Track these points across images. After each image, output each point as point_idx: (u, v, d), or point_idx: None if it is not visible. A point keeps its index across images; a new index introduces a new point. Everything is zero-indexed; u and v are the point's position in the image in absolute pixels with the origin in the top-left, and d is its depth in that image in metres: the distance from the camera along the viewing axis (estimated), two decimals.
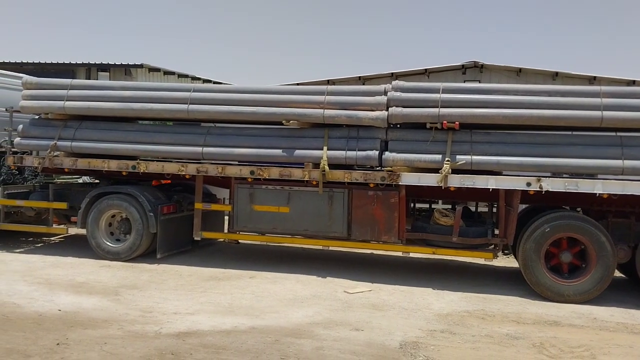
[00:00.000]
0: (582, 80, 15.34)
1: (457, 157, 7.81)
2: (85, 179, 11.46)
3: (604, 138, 7.79)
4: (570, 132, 8.09)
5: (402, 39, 73.90)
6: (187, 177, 9.15)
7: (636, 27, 63.20)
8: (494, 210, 9.05)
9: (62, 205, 9.68)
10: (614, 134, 7.84)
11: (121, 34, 68.61)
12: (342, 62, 69.64)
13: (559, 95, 7.78)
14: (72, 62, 18.87)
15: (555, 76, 15.70)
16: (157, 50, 68.24)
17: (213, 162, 8.95)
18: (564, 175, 8.08)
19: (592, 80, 15.22)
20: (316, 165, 8.26)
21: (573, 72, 15.60)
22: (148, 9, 73.23)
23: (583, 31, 66.29)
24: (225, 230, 9.75)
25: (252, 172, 8.56)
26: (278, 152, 8.46)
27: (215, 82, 21.47)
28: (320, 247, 9.01)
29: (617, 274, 8.45)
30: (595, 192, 7.52)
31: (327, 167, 8.13)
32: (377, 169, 8.41)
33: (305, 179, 8.35)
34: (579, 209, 8.51)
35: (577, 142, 7.75)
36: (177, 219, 9.54)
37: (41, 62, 18.81)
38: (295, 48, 77.05)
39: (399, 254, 8.95)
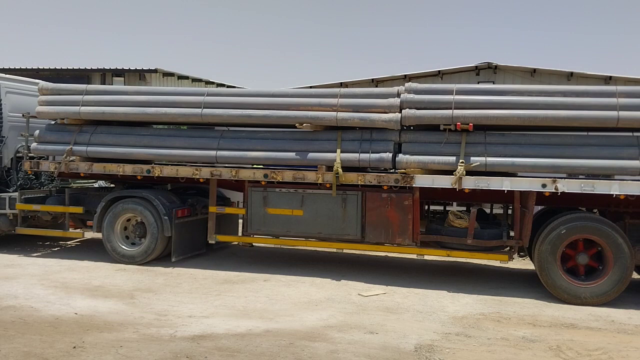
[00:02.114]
0: (597, 80, 15.18)
1: (471, 158, 7.77)
2: (101, 183, 11.55)
3: (621, 138, 7.70)
4: (586, 133, 8.00)
5: (415, 40, 73.73)
6: (201, 180, 9.20)
7: None
8: (509, 212, 8.98)
9: (78, 210, 9.77)
10: (630, 134, 7.75)
11: (135, 40, 69.21)
12: (354, 64, 69.64)
13: (574, 96, 7.70)
14: (87, 67, 19.04)
15: (570, 76, 15.55)
16: (171, 55, 68.75)
17: (227, 165, 8.98)
18: (580, 177, 8.01)
19: (608, 80, 15.05)
20: (329, 167, 8.25)
21: (588, 72, 15.44)
22: (162, 15, 73.78)
23: (598, 31, 65.66)
24: (239, 234, 9.77)
25: (265, 175, 8.59)
26: (291, 155, 8.47)
27: (228, 86, 21.54)
28: (334, 250, 9.00)
29: (635, 275, 8.35)
30: (612, 193, 7.44)
31: (340, 170, 8.12)
32: (391, 171, 8.39)
33: (319, 181, 8.35)
34: (595, 211, 8.41)
35: (593, 143, 7.66)
36: (192, 223, 9.58)
37: (57, 67, 18.99)
38: (308, 51, 77.17)
39: (413, 256, 8.91)
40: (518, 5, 64.31)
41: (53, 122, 9.73)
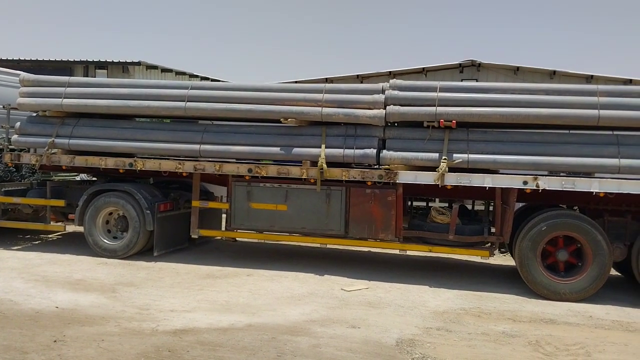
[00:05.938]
0: (579, 79, 15.38)
1: (454, 155, 7.82)
2: (83, 176, 11.45)
3: (601, 137, 7.80)
4: (567, 131, 8.10)
5: (400, 37, 73.91)
6: (184, 174, 9.15)
7: (633, 27, 63.29)
8: (491, 208, 9.08)
9: (60, 203, 9.67)
10: (610, 132, 7.86)
11: (119, 32, 68.52)
12: (340, 60, 69.65)
13: (556, 94, 7.79)
14: (69, 59, 18.88)
15: (552, 75, 15.74)
16: (154, 47, 68.15)
17: (210, 159, 8.95)
18: (561, 174, 8.10)
19: (589, 79, 15.26)
20: (314, 163, 8.26)
21: (570, 71, 15.65)
22: (146, 7, 73.09)
23: (580, 30, 66.34)
24: (223, 228, 9.75)
25: (250, 170, 8.57)
26: (276, 149, 8.46)
27: (212, 80, 21.46)
28: (318, 245, 9.02)
29: (613, 272, 8.48)
30: (592, 190, 7.54)
31: (325, 165, 8.14)
32: (375, 167, 8.42)
33: (303, 177, 8.36)
34: (575, 208, 8.53)
35: (574, 141, 7.76)
36: (174, 217, 9.54)
37: (39, 59, 18.81)
38: (293, 46, 76.98)
39: (396, 251, 8.98)
40: (502, 3, 64.73)
41: (35, 115, 9.62)
